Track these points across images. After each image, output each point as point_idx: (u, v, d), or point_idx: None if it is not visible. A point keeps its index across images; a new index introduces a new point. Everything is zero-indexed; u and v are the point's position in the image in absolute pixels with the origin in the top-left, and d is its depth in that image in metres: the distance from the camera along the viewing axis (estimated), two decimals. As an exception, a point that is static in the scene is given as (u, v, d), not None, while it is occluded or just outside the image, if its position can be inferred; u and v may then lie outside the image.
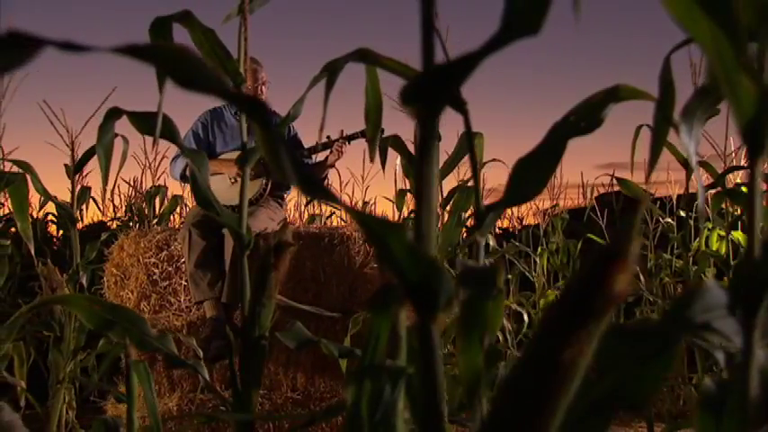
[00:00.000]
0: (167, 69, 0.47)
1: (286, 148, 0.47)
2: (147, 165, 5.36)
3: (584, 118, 0.87)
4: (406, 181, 4.02)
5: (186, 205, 5.55)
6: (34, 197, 6.33)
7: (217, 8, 1.46)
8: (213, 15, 1.43)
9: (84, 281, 2.78)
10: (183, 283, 3.40)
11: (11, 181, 2.09)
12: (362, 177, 6.14)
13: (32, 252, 2.14)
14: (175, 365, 1.36)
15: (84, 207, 4.74)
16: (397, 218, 5.74)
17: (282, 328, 1.43)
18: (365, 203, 6.24)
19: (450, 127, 2.98)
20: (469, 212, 2.93)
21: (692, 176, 2.86)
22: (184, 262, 3.36)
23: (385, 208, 13.81)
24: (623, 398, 0.50)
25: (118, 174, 4.51)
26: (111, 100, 3.46)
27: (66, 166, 4.13)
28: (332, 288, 3.50)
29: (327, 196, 0.47)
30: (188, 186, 5.86)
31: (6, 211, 4.91)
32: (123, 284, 3.40)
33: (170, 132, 1.38)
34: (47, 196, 2.69)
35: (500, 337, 4.37)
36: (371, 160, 1.49)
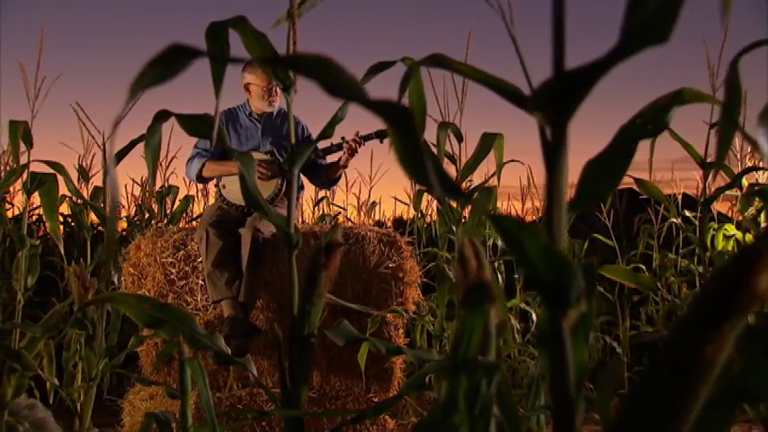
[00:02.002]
0: (314, 77, 0.49)
1: (430, 156, 0.49)
2: (158, 163, 5.36)
3: (651, 121, 0.90)
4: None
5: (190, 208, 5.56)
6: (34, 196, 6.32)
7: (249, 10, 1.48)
8: (255, 18, 1.45)
9: (115, 280, 2.81)
10: (200, 282, 3.42)
11: (43, 182, 2.11)
12: (370, 177, 6.17)
13: (62, 252, 2.16)
14: (225, 363, 1.38)
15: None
16: (408, 217, 5.76)
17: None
18: (374, 203, 6.27)
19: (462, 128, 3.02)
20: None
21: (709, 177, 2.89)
22: (201, 261, 3.38)
23: (386, 207, 13.75)
24: (746, 393, 0.52)
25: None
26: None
27: (80, 166, 4.16)
28: (347, 287, 3.52)
29: (469, 200, 0.49)
30: (200, 186, 5.88)
31: (16, 212, 4.92)
32: (140, 284, 3.42)
33: (218, 134, 1.40)
34: (79, 196, 2.71)
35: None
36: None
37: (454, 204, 2.71)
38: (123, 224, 5.46)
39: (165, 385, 1.56)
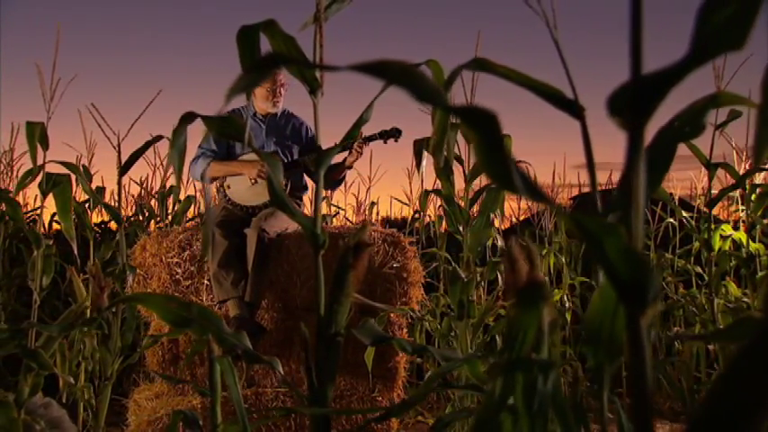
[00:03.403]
0: (401, 85, 0.51)
1: (513, 159, 0.51)
2: (159, 164, 5.38)
3: (688, 123, 0.92)
4: (423, 182, 4.06)
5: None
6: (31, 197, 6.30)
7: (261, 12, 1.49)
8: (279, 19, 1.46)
9: (130, 280, 2.82)
10: (206, 282, 3.43)
11: (57, 182, 2.12)
12: (369, 178, 6.20)
13: (76, 251, 2.17)
14: (253, 362, 1.39)
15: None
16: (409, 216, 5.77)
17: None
18: (373, 203, 6.30)
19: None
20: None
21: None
22: (207, 261, 3.39)
23: (382, 208, 13.73)
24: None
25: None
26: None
27: (84, 166, 4.15)
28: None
29: (550, 202, 0.51)
30: (200, 186, 5.88)
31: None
32: (146, 284, 3.42)
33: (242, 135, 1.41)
34: (93, 196, 2.72)
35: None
36: (437, 163, 1.53)
37: (462, 204, 2.73)
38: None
39: (189, 382, 1.57)
